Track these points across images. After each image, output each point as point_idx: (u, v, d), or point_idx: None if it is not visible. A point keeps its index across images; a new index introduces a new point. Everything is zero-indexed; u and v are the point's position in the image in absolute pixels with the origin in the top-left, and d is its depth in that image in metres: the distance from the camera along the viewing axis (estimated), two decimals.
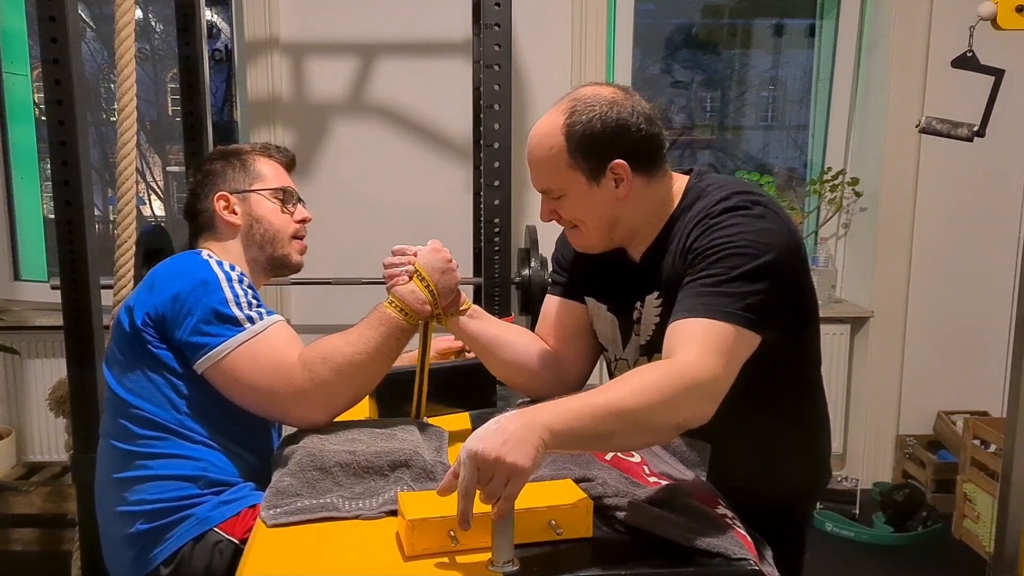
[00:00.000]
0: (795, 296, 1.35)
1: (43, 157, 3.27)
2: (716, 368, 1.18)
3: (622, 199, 1.38)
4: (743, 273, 1.25)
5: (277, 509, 1.18)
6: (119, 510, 1.45)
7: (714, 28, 3.61)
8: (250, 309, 1.44)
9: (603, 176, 1.37)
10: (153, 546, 1.42)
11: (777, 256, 1.27)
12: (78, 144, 2.01)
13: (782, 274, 1.28)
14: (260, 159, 1.68)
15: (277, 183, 1.67)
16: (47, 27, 1.97)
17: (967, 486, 2.96)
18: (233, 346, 1.40)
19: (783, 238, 1.30)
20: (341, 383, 1.41)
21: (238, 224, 1.63)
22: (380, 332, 1.43)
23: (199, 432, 1.45)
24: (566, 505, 1.09)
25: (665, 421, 1.14)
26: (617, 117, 1.35)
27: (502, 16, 2.17)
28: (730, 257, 1.26)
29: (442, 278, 1.46)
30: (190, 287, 1.43)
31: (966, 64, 1.71)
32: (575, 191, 1.38)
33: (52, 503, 2.88)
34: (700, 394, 1.15)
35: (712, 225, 1.30)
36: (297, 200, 1.70)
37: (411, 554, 1.06)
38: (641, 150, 1.37)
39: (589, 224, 1.41)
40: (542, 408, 1.07)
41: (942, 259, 3.30)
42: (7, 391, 3.22)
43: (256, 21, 3.02)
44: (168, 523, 1.41)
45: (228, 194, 1.63)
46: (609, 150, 1.35)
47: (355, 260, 2.99)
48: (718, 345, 1.20)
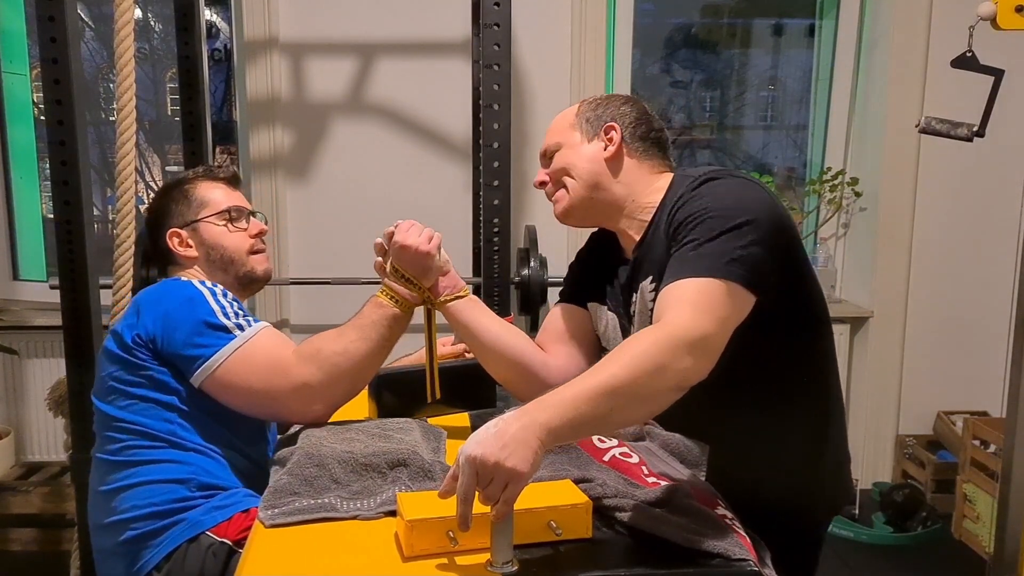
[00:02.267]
0: (788, 262, 1.32)
1: (42, 157, 3.26)
2: (705, 324, 1.16)
3: (609, 163, 1.45)
4: (724, 231, 1.24)
5: (275, 509, 1.18)
6: (108, 521, 1.46)
7: (714, 28, 3.60)
8: (238, 318, 1.47)
9: (596, 135, 1.47)
10: (145, 551, 1.42)
11: (758, 216, 1.26)
12: (77, 144, 2.01)
13: (766, 232, 1.26)
14: (201, 184, 1.70)
15: (222, 205, 1.68)
16: (46, 27, 1.97)
17: (967, 486, 2.96)
18: (227, 353, 1.43)
19: (764, 203, 1.30)
20: (337, 374, 1.43)
21: (196, 256, 1.66)
22: (373, 320, 1.46)
23: (191, 440, 1.46)
24: (565, 506, 1.09)
25: (659, 386, 1.12)
26: (628, 101, 1.51)
27: (501, 16, 2.17)
28: (709, 220, 1.26)
29: (411, 265, 1.47)
30: (177, 304, 1.47)
31: (966, 64, 1.71)
32: (569, 143, 1.48)
33: (51, 503, 2.87)
34: (691, 352, 1.13)
35: (691, 197, 1.33)
36: (249, 215, 1.71)
37: (410, 555, 1.06)
38: (637, 130, 1.47)
39: (573, 182, 1.46)
40: (539, 406, 1.06)
41: (942, 259, 3.30)
42: (6, 391, 3.22)
43: (255, 21, 3.01)
44: (159, 527, 1.42)
45: (178, 229, 1.66)
46: (608, 117, 1.48)
47: (354, 260, 2.98)
48: (706, 302, 1.19)
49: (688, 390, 1.16)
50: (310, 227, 3.12)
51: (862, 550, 2.94)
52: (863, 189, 3.33)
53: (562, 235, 3.14)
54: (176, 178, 1.75)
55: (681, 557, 1.05)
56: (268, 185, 3.07)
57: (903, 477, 3.33)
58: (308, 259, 3.13)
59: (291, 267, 3.10)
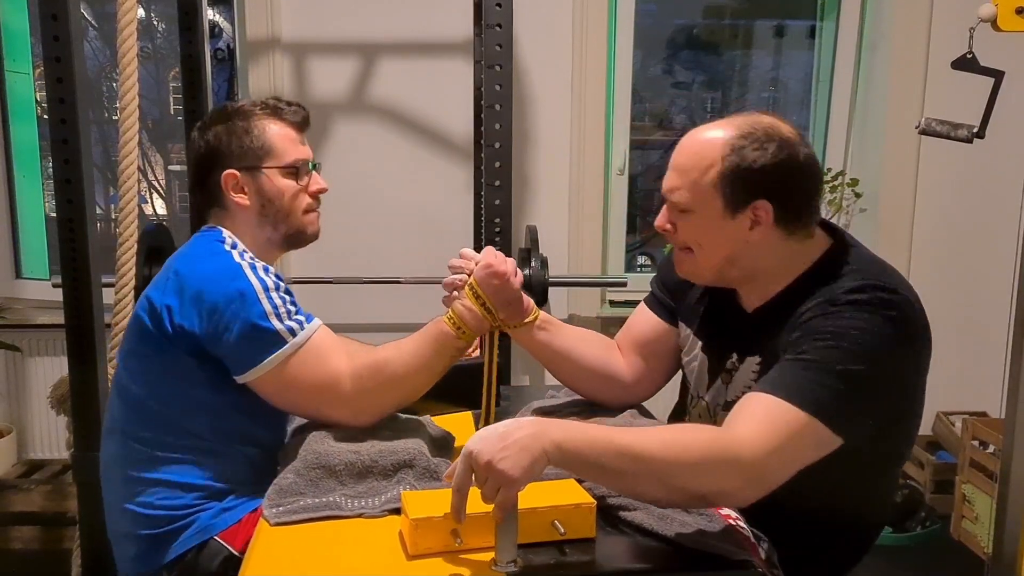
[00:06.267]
0: (891, 412, 1.23)
1: (45, 155, 3.26)
2: (768, 452, 1.08)
3: (750, 243, 1.27)
4: (840, 371, 1.13)
5: (280, 508, 1.18)
6: (126, 506, 1.45)
7: (715, 29, 3.61)
8: (290, 319, 1.39)
9: (742, 211, 1.25)
10: (155, 551, 1.42)
11: (882, 371, 1.16)
12: (80, 142, 2.01)
13: (878, 390, 1.17)
14: (269, 125, 1.52)
15: (290, 156, 1.52)
16: (49, 25, 1.97)
17: (966, 487, 2.96)
18: (277, 361, 1.36)
19: (900, 350, 1.18)
20: (389, 394, 1.40)
21: (248, 204, 1.51)
22: (434, 349, 1.40)
23: (219, 439, 1.44)
24: (570, 505, 1.10)
25: (685, 484, 1.07)
26: (785, 160, 1.23)
27: (503, 16, 2.17)
28: (833, 349, 1.14)
29: (496, 294, 1.41)
30: (226, 299, 1.36)
31: (966, 66, 1.71)
32: (706, 213, 1.26)
33: (53, 501, 2.87)
34: (736, 472, 1.07)
35: (832, 312, 1.18)
36: (312, 168, 1.56)
37: (414, 553, 1.06)
38: (793, 204, 1.26)
39: (704, 253, 1.30)
40: (557, 423, 1.07)
41: (941, 260, 3.30)
42: (8, 389, 3.22)
43: (258, 20, 3.02)
44: (172, 530, 1.41)
45: (236, 172, 1.50)
46: (760, 189, 1.23)
47: (356, 259, 3.00)
48: (781, 428, 1.09)
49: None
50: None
51: None
52: (863, 190, 3.33)
53: (563, 235, 3.14)
54: (238, 107, 1.55)
55: (685, 557, 1.06)
56: None
57: (902, 477, 3.33)
58: (310, 258, 3.12)
59: (293, 266, 3.10)
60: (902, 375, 1.22)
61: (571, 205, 3.14)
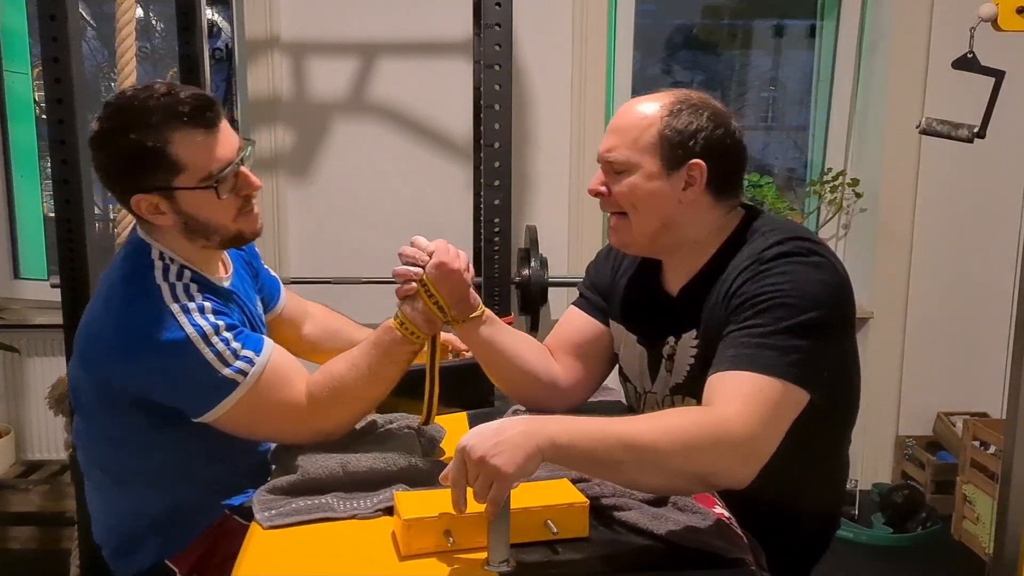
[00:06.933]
0: (842, 357, 1.29)
1: (43, 155, 3.26)
2: (755, 426, 1.10)
3: (683, 203, 1.31)
4: (790, 326, 1.18)
5: (272, 511, 1.18)
6: (96, 514, 1.51)
7: (714, 29, 3.60)
8: (237, 359, 1.30)
9: (677, 172, 1.30)
10: (119, 561, 1.48)
11: (828, 311, 1.21)
12: (78, 142, 2.01)
13: (829, 333, 1.21)
14: (170, 135, 1.28)
15: (201, 170, 1.30)
16: (47, 25, 1.97)
17: (966, 487, 2.95)
18: (231, 404, 1.31)
19: (836, 293, 1.24)
20: (347, 410, 1.38)
21: (171, 223, 1.35)
22: (389, 358, 1.35)
23: (171, 464, 1.42)
24: (563, 505, 1.09)
25: (682, 467, 1.08)
26: (719, 126, 1.31)
27: (503, 16, 2.17)
28: (777, 307, 1.19)
29: (451, 292, 1.37)
30: (159, 355, 1.28)
31: (966, 65, 1.70)
32: (643, 171, 1.31)
33: (51, 501, 2.87)
34: (731, 450, 1.09)
35: (762, 271, 1.23)
36: (238, 165, 1.34)
37: (407, 553, 1.06)
38: (724, 170, 1.32)
39: (639, 216, 1.33)
40: (552, 419, 1.07)
41: (942, 260, 3.30)
42: (6, 389, 3.22)
43: (256, 20, 3.01)
44: (127, 549, 1.46)
45: (145, 195, 1.31)
46: (695, 150, 1.29)
47: (355, 259, 2.99)
48: (761, 402, 1.13)
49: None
50: (310, 226, 3.12)
51: (861, 551, 2.94)
52: (863, 190, 3.32)
53: (563, 235, 3.14)
54: (132, 114, 1.29)
55: (678, 557, 1.05)
56: (269, 184, 3.06)
57: (903, 478, 3.33)
58: (308, 258, 3.12)
59: (291, 266, 3.10)
60: (841, 314, 1.26)
61: (571, 205, 3.14)
